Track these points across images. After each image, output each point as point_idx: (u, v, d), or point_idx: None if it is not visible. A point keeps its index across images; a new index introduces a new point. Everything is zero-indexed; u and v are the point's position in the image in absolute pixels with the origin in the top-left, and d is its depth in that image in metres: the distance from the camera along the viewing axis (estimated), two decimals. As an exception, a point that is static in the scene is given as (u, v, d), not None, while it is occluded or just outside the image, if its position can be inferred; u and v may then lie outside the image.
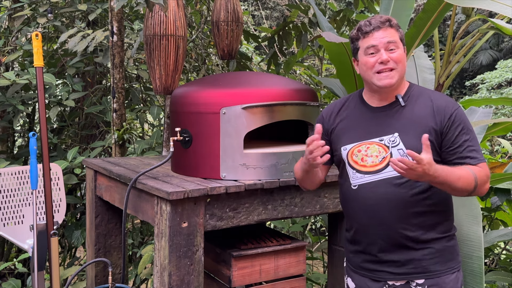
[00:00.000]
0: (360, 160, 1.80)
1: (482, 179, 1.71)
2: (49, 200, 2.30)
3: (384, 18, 1.78)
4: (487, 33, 3.16)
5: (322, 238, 4.54)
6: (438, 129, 1.74)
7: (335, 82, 3.50)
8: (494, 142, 7.56)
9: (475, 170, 1.70)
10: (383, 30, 1.75)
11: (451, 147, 1.74)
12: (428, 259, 1.77)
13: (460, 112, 1.77)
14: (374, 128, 1.81)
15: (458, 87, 18.60)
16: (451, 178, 1.63)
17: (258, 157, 2.17)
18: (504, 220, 3.70)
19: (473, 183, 1.68)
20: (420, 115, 1.77)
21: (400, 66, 1.76)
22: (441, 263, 1.78)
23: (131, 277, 3.43)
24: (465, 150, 1.73)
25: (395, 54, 1.75)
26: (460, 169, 1.68)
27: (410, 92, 1.83)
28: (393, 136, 1.76)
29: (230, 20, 3.08)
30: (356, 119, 1.88)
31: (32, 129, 4.18)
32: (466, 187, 1.67)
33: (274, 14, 13.27)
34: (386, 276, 1.81)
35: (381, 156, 1.76)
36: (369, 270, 1.85)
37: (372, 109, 1.85)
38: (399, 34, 1.78)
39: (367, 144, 1.80)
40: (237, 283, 2.23)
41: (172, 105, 2.40)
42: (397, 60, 1.75)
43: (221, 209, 2.09)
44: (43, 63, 2.32)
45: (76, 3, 3.70)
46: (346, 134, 1.87)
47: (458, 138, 1.74)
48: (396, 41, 1.75)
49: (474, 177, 1.68)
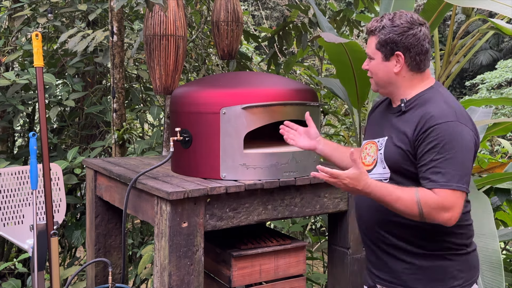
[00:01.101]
0: (363, 157, 1.84)
1: (430, 207, 1.53)
2: (49, 200, 2.30)
3: (369, 26, 1.77)
4: (487, 33, 3.16)
5: (322, 238, 4.54)
6: (412, 140, 1.63)
7: (335, 82, 3.50)
8: (494, 142, 7.56)
9: (422, 194, 1.55)
10: (369, 39, 1.78)
11: (418, 163, 1.62)
12: (408, 273, 1.70)
13: (445, 127, 1.58)
14: (380, 128, 1.83)
15: (458, 87, 18.59)
16: (387, 198, 1.56)
17: (258, 157, 2.17)
18: (504, 220, 3.70)
19: (415, 208, 1.54)
20: (408, 122, 1.68)
21: (374, 76, 1.79)
22: (423, 281, 1.68)
23: (131, 277, 3.42)
24: (428, 170, 1.58)
25: (369, 65, 1.79)
26: (403, 190, 1.56)
27: (418, 97, 1.72)
28: (383, 139, 1.76)
29: (230, 20, 3.08)
30: (377, 117, 1.91)
31: (32, 129, 4.18)
32: (406, 210, 1.55)
33: (274, 14, 13.28)
34: (376, 279, 1.82)
35: (373, 157, 1.79)
36: (368, 270, 1.89)
37: (389, 110, 1.85)
38: (376, 42, 1.73)
39: (371, 143, 1.83)
40: (237, 283, 2.23)
41: (172, 105, 2.40)
42: (370, 71, 1.79)
43: (221, 209, 2.09)
44: (43, 63, 2.32)
45: (76, 3, 3.70)
46: (368, 130, 1.93)
47: (426, 155, 1.59)
48: (369, 52, 1.77)
49: (417, 202, 1.54)
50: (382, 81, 1.77)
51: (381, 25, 1.72)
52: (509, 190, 3.20)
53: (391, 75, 1.74)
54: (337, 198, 2.39)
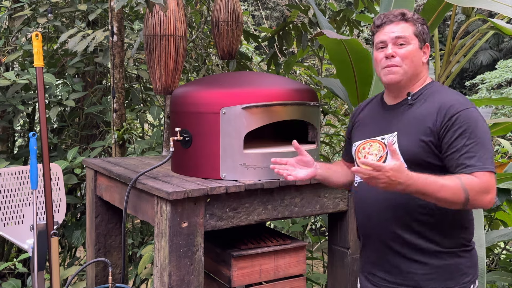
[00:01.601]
0: (363, 157, 1.77)
1: (475, 190, 1.51)
2: (49, 200, 2.30)
3: (399, 12, 1.72)
4: (487, 33, 3.16)
5: (322, 238, 4.54)
6: (435, 130, 1.61)
7: (335, 82, 3.50)
8: (494, 142, 7.56)
9: (466, 180, 1.51)
10: (395, 24, 1.70)
11: (447, 152, 1.59)
12: (421, 274, 1.66)
13: (465, 114, 1.60)
14: (381, 126, 1.78)
15: (458, 87, 18.60)
16: (430, 188, 1.48)
17: (258, 157, 2.17)
18: (504, 220, 3.70)
19: (461, 195, 1.49)
20: (422, 114, 1.66)
21: (407, 63, 1.68)
22: (436, 280, 1.66)
23: (131, 277, 3.43)
24: (462, 156, 1.56)
25: (403, 50, 1.68)
26: (445, 178, 1.52)
27: (424, 90, 1.73)
28: (392, 135, 1.71)
29: (230, 20, 3.08)
30: (370, 117, 1.86)
31: (32, 129, 4.18)
32: (451, 198, 1.50)
33: (274, 14, 13.27)
34: (381, 283, 1.76)
35: (379, 155, 1.72)
36: (370, 273, 1.83)
37: (385, 107, 1.82)
38: (414, 29, 1.70)
39: (371, 142, 1.78)
40: (237, 283, 2.23)
41: (172, 105, 2.40)
42: (403, 56, 1.68)
43: (221, 209, 2.09)
44: (43, 63, 2.32)
45: (76, 3, 3.70)
46: (359, 131, 1.87)
47: (456, 142, 1.58)
48: (407, 36, 1.68)
49: (463, 187, 1.49)
50: (413, 69, 1.70)
51: (414, 15, 1.73)
52: (509, 190, 3.20)
53: (421, 65, 1.73)
54: (337, 198, 2.39)
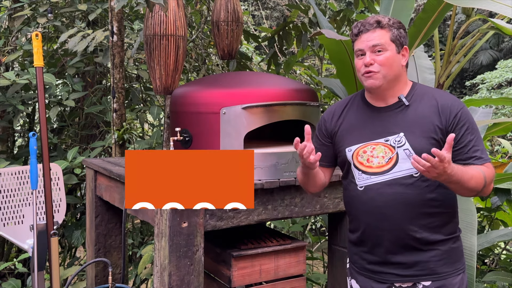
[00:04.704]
0: (365, 161, 1.79)
1: (490, 179, 1.71)
2: (49, 200, 2.30)
3: (374, 19, 1.76)
4: (487, 33, 3.16)
5: (322, 238, 4.54)
6: (444, 128, 1.73)
7: (335, 82, 3.50)
8: (494, 142, 7.57)
9: (484, 170, 1.70)
10: (371, 32, 1.75)
11: (456, 146, 1.72)
12: (435, 260, 1.76)
13: (465, 111, 1.76)
14: (379, 128, 1.80)
15: (458, 87, 18.60)
16: (464, 178, 1.62)
17: (258, 157, 2.17)
18: (504, 220, 3.70)
19: (482, 183, 1.67)
20: (425, 114, 1.76)
21: (385, 69, 1.75)
22: (448, 264, 1.77)
23: (131, 277, 3.43)
24: (470, 150, 1.72)
25: (381, 57, 1.74)
26: (471, 169, 1.67)
27: (413, 92, 1.82)
28: (399, 136, 1.75)
29: (230, 20, 3.08)
30: (359, 120, 1.86)
31: (32, 129, 4.18)
32: (476, 187, 1.66)
33: (274, 14, 13.27)
34: (393, 278, 1.79)
35: (388, 157, 1.75)
36: (375, 272, 1.83)
37: (376, 110, 1.84)
38: (390, 35, 1.76)
39: (373, 144, 1.79)
40: (237, 283, 2.23)
41: (172, 105, 2.40)
42: (381, 63, 1.74)
43: (221, 209, 2.09)
44: (43, 63, 2.32)
45: (76, 3, 3.70)
46: (350, 135, 1.86)
47: (464, 138, 1.73)
48: (383, 43, 1.74)
49: (484, 177, 1.68)
50: (393, 74, 1.77)
51: (390, 20, 1.77)
52: (509, 190, 3.20)
53: (400, 68, 1.80)
54: (337, 198, 2.39)
